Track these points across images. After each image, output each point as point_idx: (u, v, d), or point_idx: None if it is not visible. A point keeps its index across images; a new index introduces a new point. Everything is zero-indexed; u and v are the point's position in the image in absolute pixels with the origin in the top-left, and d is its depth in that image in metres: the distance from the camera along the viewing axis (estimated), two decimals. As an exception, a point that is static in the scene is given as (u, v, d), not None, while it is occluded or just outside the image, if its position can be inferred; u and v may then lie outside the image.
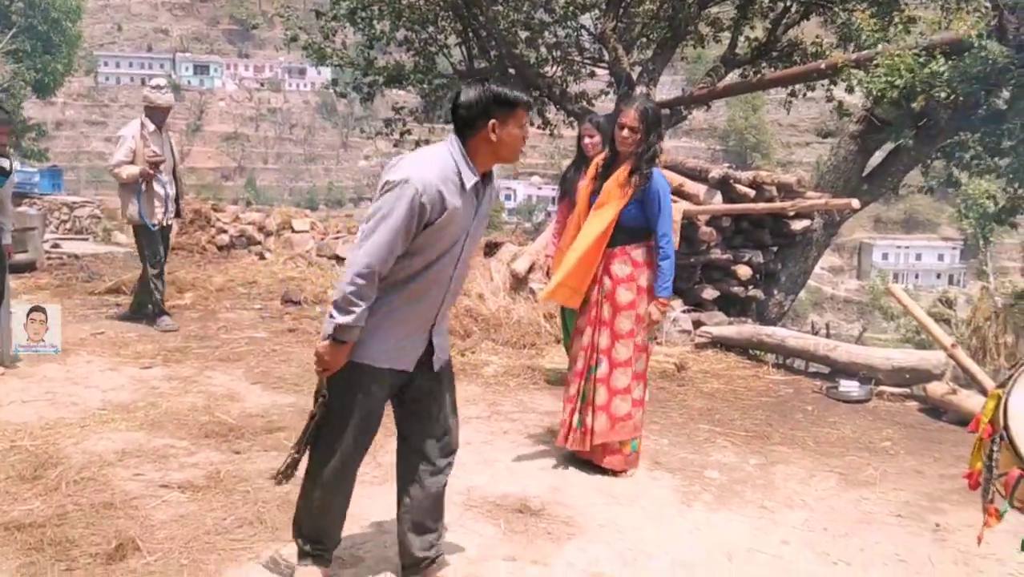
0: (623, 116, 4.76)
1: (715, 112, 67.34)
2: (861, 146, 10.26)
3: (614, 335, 4.84)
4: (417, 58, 13.71)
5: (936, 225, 79.04)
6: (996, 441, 2.77)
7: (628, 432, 4.85)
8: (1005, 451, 2.73)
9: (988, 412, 2.87)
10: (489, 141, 3.15)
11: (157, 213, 7.82)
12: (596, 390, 4.84)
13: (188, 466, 4.64)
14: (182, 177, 8.37)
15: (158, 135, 7.82)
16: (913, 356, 7.02)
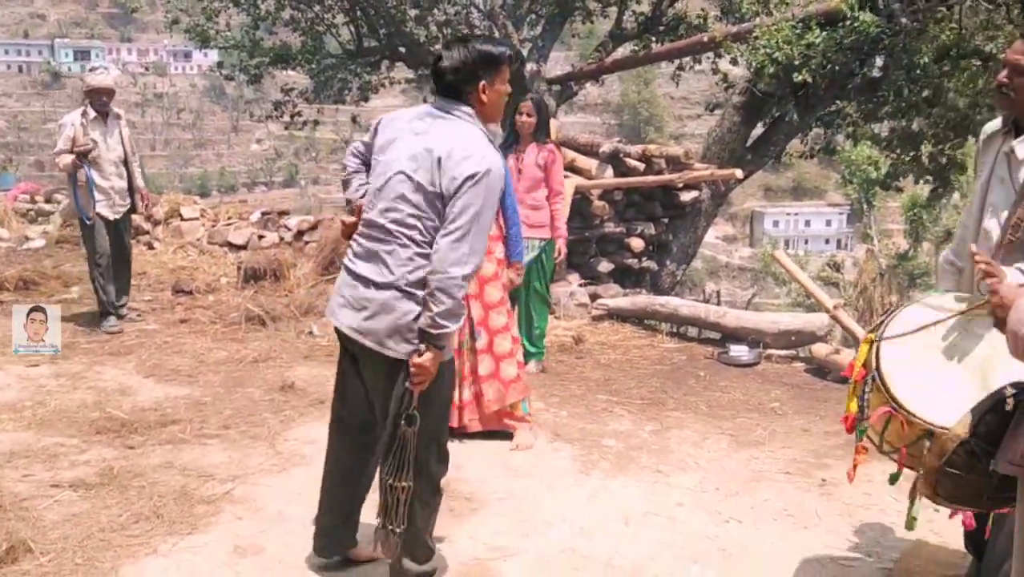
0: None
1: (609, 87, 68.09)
2: (744, 117, 10.54)
3: (485, 306, 5.01)
4: (304, 38, 13.51)
5: (823, 192, 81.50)
6: (868, 383, 2.91)
7: (519, 393, 5.07)
8: (876, 392, 2.88)
9: (862, 356, 3.02)
10: (481, 103, 3.03)
11: (98, 206, 7.34)
12: (480, 362, 4.98)
13: (80, 464, 4.53)
14: (137, 168, 7.81)
15: (101, 122, 7.38)
16: (798, 319, 7.29)
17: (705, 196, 10.15)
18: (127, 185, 7.58)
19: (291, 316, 7.80)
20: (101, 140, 7.35)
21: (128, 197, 7.63)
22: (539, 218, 6.32)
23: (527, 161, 6.26)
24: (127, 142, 7.59)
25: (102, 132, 7.38)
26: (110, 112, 7.44)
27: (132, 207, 7.74)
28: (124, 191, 7.56)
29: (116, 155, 7.47)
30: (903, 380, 2.81)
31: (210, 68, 17.68)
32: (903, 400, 2.76)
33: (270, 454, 4.67)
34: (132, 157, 7.67)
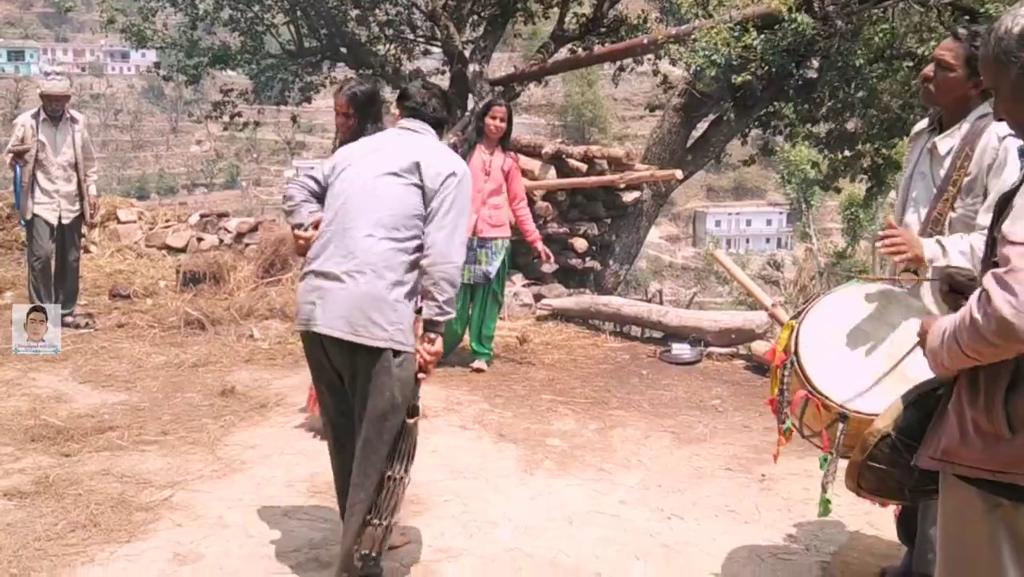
0: (336, 103, 4.66)
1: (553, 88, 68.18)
2: (684, 118, 10.66)
3: None
4: (244, 38, 13.32)
5: (764, 192, 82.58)
6: (788, 367, 2.98)
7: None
8: (795, 376, 2.95)
9: (782, 341, 3.09)
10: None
11: (39, 208, 7.32)
12: None
13: (14, 472, 4.42)
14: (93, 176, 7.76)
15: (51, 125, 7.35)
16: (738, 317, 7.39)
17: (647, 196, 10.24)
18: (76, 190, 7.50)
19: (231, 319, 7.70)
20: (50, 143, 7.33)
21: (77, 203, 7.54)
22: (499, 217, 6.53)
23: (495, 164, 6.38)
24: (79, 148, 7.49)
25: (51, 135, 7.36)
26: (63, 116, 7.42)
27: (81, 214, 7.62)
28: (72, 196, 7.49)
29: (65, 159, 7.42)
30: (819, 365, 2.89)
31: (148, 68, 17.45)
32: (819, 384, 2.84)
33: (210, 460, 4.60)
34: (87, 163, 7.62)
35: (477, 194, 6.37)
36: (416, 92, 3.54)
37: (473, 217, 6.33)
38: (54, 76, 7.63)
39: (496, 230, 6.49)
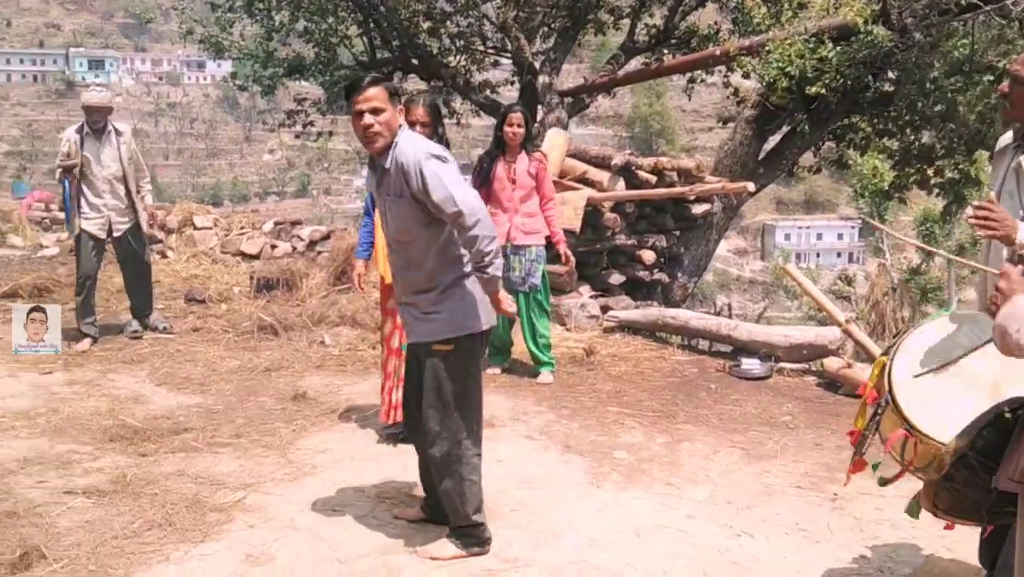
0: (412, 114, 4.81)
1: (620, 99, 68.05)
2: (756, 130, 10.55)
3: None
4: (318, 49, 13.56)
5: (835, 205, 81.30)
6: (881, 406, 2.92)
7: None
8: (890, 414, 2.89)
9: (873, 378, 3.03)
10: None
11: (85, 223, 7.19)
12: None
13: (93, 471, 4.55)
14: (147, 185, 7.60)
15: (94, 139, 7.19)
16: (809, 333, 7.27)
17: (717, 209, 10.16)
18: (125, 202, 7.36)
19: (303, 326, 7.82)
20: (94, 157, 7.19)
21: (130, 214, 7.40)
22: (534, 225, 6.52)
23: (519, 170, 6.41)
24: (126, 160, 7.33)
25: (95, 149, 7.22)
26: (105, 129, 7.27)
27: (138, 224, 7.49)
28: (121, 209, 7.34)
29: (110, 172, 7.26)
30: (916, 402, 2.82)
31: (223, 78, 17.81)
32: (917, 423, 2.77)
33: (282, 463, 4.68)
34: (138, 175, 7.48)
35: (508, 203, 6.44)
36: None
37: (506, 225, 6.40)
38: (95, 88, 7.41)
39: (530, 237, 6.50)
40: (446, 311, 3.59)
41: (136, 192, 7.40)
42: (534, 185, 6.48)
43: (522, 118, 6.41)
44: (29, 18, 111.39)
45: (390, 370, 5.18)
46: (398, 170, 3.51)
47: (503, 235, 6.45)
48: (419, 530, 3.94)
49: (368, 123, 3.47)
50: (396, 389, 5.06)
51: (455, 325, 3.59)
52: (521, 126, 6.40)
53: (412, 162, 3.46)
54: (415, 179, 3.45)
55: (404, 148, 3.52)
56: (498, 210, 6.47)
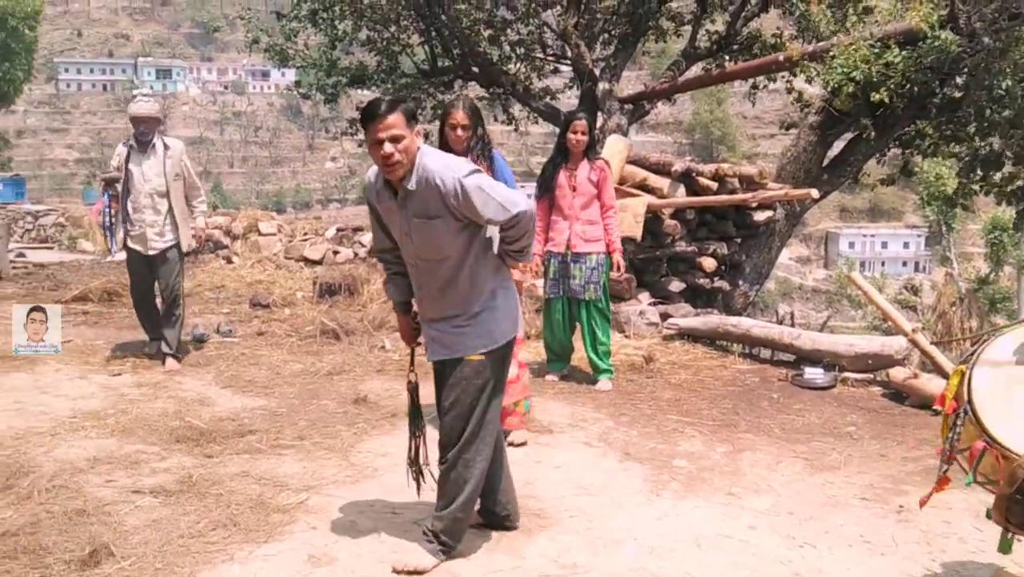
0: (453, 118, 5.05)
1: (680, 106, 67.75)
2: (820, 136, 10.41)
3: None
4: (380, 58, 13.71)
5: (901, 213, 79.91)
6: (960, 416, 2.86)
7: (518, 393, 5.28)
8: (969, 425, 2.83)
9: (952, 388, 2.98)
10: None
11: (130, 239, 6.89)
12: None
13: (160, 471, 4.65)
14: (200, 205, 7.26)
15: (140, 152, 6.85)
16: (875, 342, 7.14)
17: (779, 216, 10.04)
18: (165, 220, 6.91)
19: (364, 330, 7.91)
20: (137, 170, 6.84)
21: (170, 233, 6.95)
22: (595, 233, 6.52)
23: (580, 178, 6.42)
24: (171, 175, 6.91)
25: (139, 161, 6.86)
26: (151, 141, 6.88)
27: (176, 245, 7.00)
28: (161, 225, 6.90)
29: (152, 187, 6.85)
30: (996, 413, 2.75)
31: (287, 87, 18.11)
32: (998, 435, 2.71)
33: (343, 466, 4.73)
34: (190, 192, 7.12)
35: (569, 210, 6.44)
36: None
37: (566, 232, 6.41)
38: (141, 98, 7.00)
39: (590, 245, 6.51)
40: (482, 323, 3.58)
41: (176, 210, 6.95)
42: (595, 193, 6.48)
43: (586, 126, 6.42)
44: (99, 29, 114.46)
45: None
46: (428, 189, 3.40)
47: (563, 243, 6.47)
48: (478, 535, 3.95)
49: (388, 152, 3.35)
50: None
51: (492, 336, 3.60)
52: (585, 134, 6.41)
53: (450, 182, 3.37)
54: (456, 198, 3.36)
55: (433, 167, 3.42)
56: (559, 217, 6.49)
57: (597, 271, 6.54)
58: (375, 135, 3.36)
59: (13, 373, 6.52)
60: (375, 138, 3.36)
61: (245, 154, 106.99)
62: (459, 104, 5.18)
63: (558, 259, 6.55)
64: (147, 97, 6.99)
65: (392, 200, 3.51)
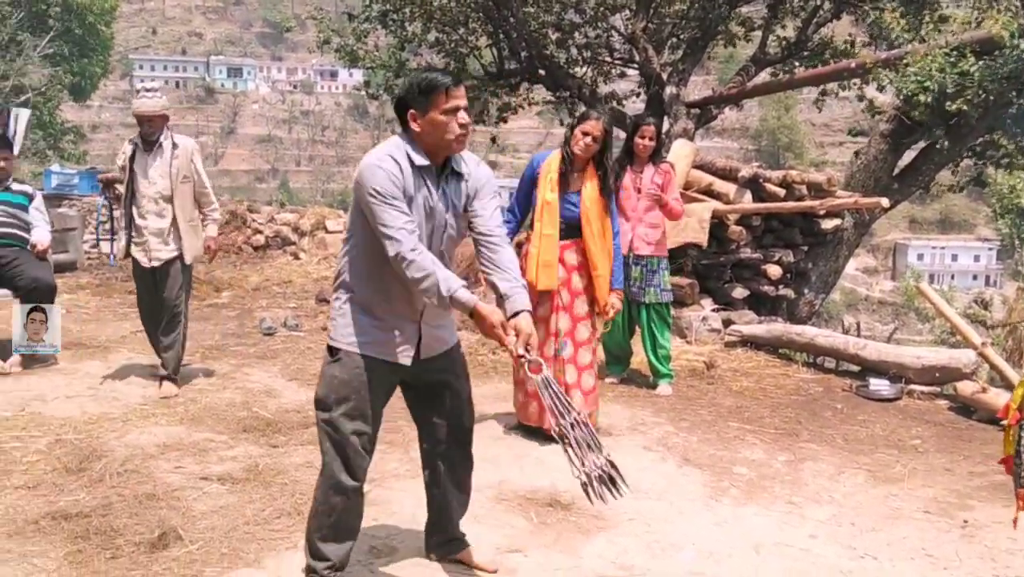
0: (587, 126, 5.17)
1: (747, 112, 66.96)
2: (892, 145, 10.24)
3: (574, 318, 5.31)
4: (448, 60, 13.82)
5: (972, 226, 78.14)
6: None
7: (593, 403, 5.38)
8: None
9: (1017, 399, 2.94)
10: (416, 132, 3.12)
11: (133, 248, 6.15)
12: (565, 371, 5.24)
13: (227, 459, 4.77)
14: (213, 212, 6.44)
15: (145, 152, 6.10)
16: (943, 354, 7.01)
17: (848, 225, 9.90)
18: (169, 227, 6.12)
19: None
20: (141, 172, 6.09)
21: (173, 242, 6.15)
22: (656, 236, 6.56)
23: (645, 181, 6.43)
24: (177, 178, 6.11)
25: (144, 163, 6.10)
26: (157, 141, 6.10)
27: (179, 256, 6.17)
28: (164, 233, 6.10)
29: (157, 191, 6.08)
30: None
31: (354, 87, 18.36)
32: None
33: (404, 460, 4.80)
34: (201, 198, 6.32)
35: (632, 213, 6.46)
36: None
37: (629, 235, 6.45)
38: (145, 93, 6.11)
39: (651, 248, 6.53)
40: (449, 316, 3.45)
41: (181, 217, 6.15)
42: (658, 198, 6.48)
43: (654, 131, 6.45)
44: (173, 27, 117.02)
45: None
46: (472, 180, 3.25)
47: (625, 244, 6.48)
48: (536, 533, 3.99)
49: (466, 120, 3.10)
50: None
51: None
52: (652, 139, 6.43)
53: (486, 176, 3.29)
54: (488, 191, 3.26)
55: (472, 158, 3.30)
56: (622, 219, 6.49)
57: (658, 274, 6.55)
58: (454, 101, 3.07)
59: (87, 360, 6.73)
60: (454, 105, 3.06)
61: (312, 153, 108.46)
62: (599, 116, 5.23)
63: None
64: (153, 92, 6.14)
65: (434, 185, 3.16)
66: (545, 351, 5.22)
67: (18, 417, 5.35)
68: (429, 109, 3.07)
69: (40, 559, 3.52)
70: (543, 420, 5.24)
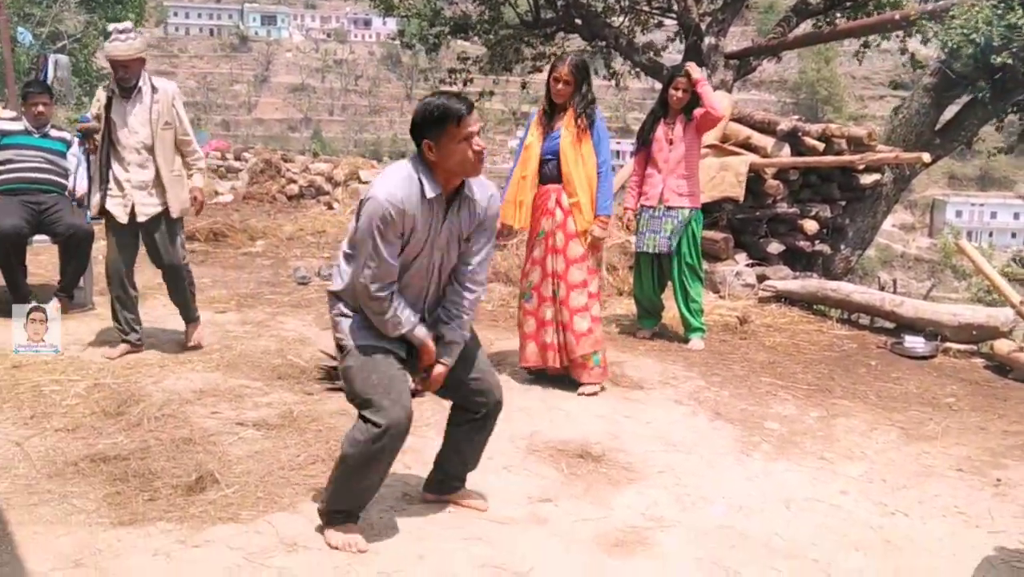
0: (557, 71, 5.36)
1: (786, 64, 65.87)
2: (934, 99, 10.03)
3: (568, 260, 5.41)
4: (483, 8, 13.69)
5: (1013, 183, 76.81)
6: None
7: (590, 346, 5.39)
8: None
9: None
10: (432, 161, 3.18)
11: (109, 202, 5.64)
12: (560, 311, 5.39)
13: (262, 405, 4.83)
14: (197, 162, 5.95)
15: (122, 98, 5.60)
16: (980, 312, 6.92)
17: (887, 180, 9.74)
18: (154, 179, 5.66)
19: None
20: (120, 120, 5.61)
21: (158, 195, 5.69)
22: (688, 187, 6.53)
23: (676, 132, 6.45)
24: (158, 125, 5.64)
25: (122, 111, 5.61)
26: (136, 86, 5.60)
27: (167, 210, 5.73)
28: (149, 185, 5.65)
29: (138, 140, 5.61)
30: None
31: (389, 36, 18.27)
32: None
33: (436, 409, 4.81)
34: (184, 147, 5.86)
35: (663, 164, 6.48)
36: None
37: (660, 186, 6.47)
38: (118, 35, 5.50)
39: (682, 199, 6.51)
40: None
41: (164, 168, 5.68)
42: (689, 148, 6.49)
43: (687, 83, 6.38)
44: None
45: (548, 318, 5.46)
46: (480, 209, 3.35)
47: (656, 196, 6.48)
48: (567, 483, 4.02)
49: (481, 147, 3.20)
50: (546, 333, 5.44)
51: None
52: (686, 91, 6.38)
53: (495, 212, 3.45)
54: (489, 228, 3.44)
55: (485, 185, 3.39)
56: (654, 171, 6.52)
57: (685, 225, 6.52)
58: (469, 128, 3.14)
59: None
60: (469, 132, 3.14)
61: (345, 102, 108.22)
62: (567, 59, 5.43)
63: (650, 212, 6.54)
64: (126, 33, 5.53)
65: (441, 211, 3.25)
66: (543, 291, 5.48)
67: (57, 361, 5.44)
68: (443, 138, 3.13)
69: (80, 500, 3.60)
70: (542, 360, 5.49)
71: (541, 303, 5.48)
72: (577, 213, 5.38)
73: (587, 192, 5.40)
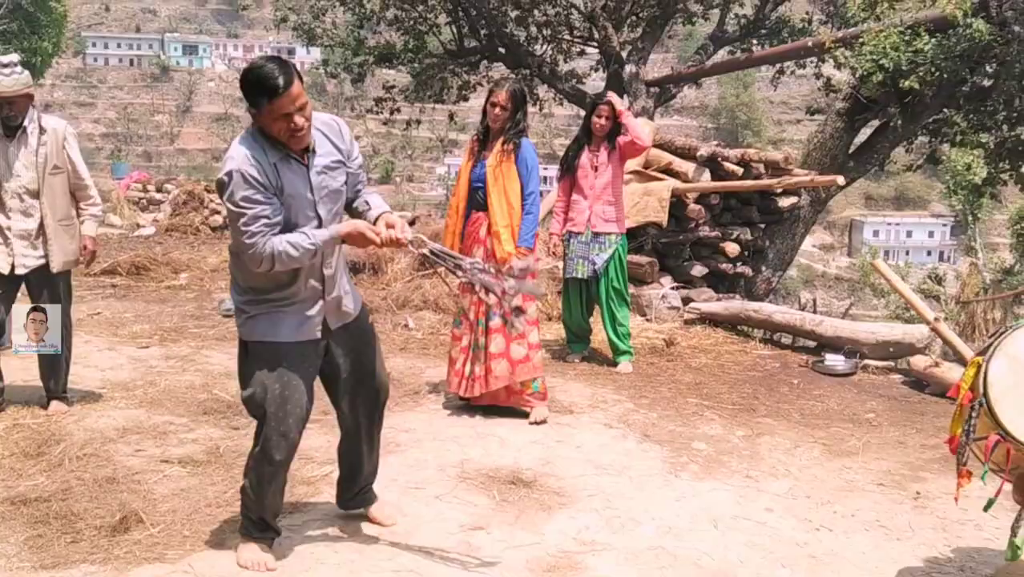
0: (495, 96, 5.34)
1: (706, 90, 67.23)
2: (847, 123, 10.36)
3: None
4: (407, 37, 13.74)
5: (927, 202, 79.14)
6: (975, 408, 2.89)
7: (528, 372, 5.37)
8: (984, 417, 2.86)
9: (968, 379, 3.00)
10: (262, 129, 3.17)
11: None
12: (492, 340, 5.32)
13: (188, 442, 4.74)
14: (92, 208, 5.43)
15: (5, 139, 5.06)
16: (897, 330, 7.15)
17: (804, 202, 10.01)
18: (37, 229, 5.14)
19: (388, 309, 7.99)
20: (2, 162, 5.08)
21: (41, 246, 5.17)
22: (615, 213, 6.62)
23: (601, 159, 6.53)
24: (44, 169, 5.12)
25: (5, 152, 5.08)
26: (20, 125, 5.08)
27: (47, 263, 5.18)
28: (31, 235, 5.14)
29: (20, 185, 5.10)
30: (1012, 407, 2.78)
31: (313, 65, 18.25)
32: (1012, 429, 2.74)
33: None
34: (78, 192, 5.35)
35: (589, 191, 6.57)
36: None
37: (587, 212, 6.55)
38: (1, 70, 4.93)
39: (609, 225, 6.60)
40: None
41: (50, 216, 5.16)
42: (616, 173, 6.59)
43: (610, 111, 6.49)
44: (127, 3, 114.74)
45: (465, 344, 5.43)
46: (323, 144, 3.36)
47: (583, 223, 6.55)
48: (498, 511, 4.02)
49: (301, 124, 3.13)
50: (468, 361, 5.39)
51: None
52: (609, 118, 6.49)
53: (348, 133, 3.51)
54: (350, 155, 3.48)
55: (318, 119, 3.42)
56: (580, 197, 6.60)
57: (609, 250, 6.61)
58: (284, 110, 3.06)
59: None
60: (287, 110, 3.06)
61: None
62: (505, 85, 5.43)
63: (577, 239, 6.62)
64: (11, 68, 4.98)
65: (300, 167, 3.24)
66: (471, 318, 5.44)
67: (-28, 403, 5.27)
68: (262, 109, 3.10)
69: (0, 544, 3.49)
70: (459, 388, 5.44)
71: (469, 331, 5.45)
72: (496, 243, 5.31)
73: (507, 219, 5.34)
